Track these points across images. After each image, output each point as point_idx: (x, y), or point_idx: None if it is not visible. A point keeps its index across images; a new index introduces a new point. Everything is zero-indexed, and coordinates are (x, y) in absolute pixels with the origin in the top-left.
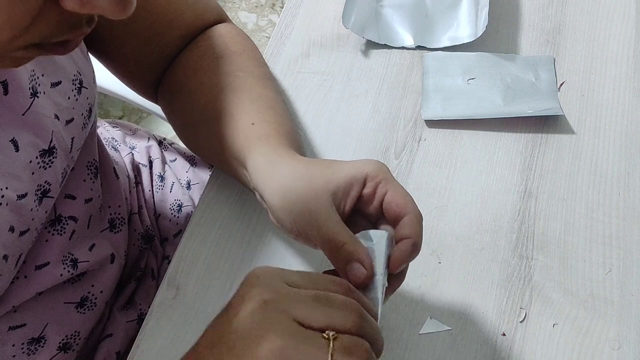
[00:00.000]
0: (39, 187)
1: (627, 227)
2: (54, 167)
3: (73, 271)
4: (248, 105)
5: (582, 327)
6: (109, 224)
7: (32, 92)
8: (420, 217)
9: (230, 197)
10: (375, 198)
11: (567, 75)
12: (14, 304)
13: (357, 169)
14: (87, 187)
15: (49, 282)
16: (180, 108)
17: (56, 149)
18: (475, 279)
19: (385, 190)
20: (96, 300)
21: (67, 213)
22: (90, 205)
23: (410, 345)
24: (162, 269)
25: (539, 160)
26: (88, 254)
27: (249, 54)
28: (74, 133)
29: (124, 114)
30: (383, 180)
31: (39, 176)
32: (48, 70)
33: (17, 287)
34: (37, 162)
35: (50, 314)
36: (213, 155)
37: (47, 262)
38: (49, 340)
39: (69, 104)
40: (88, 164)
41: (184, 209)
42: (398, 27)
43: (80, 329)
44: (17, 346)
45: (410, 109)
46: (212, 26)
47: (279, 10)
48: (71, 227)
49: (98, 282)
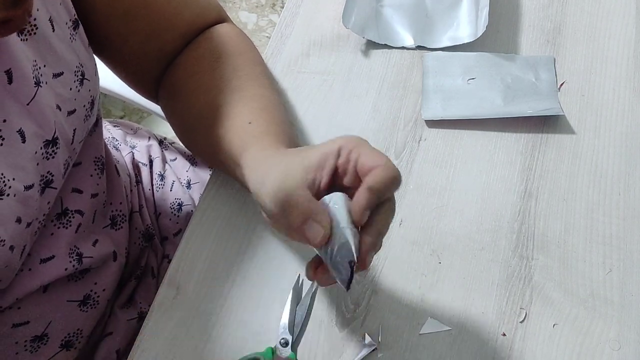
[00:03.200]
0: (42, 178)
1: (627, 227)
2: (57, 158)
3: (78, 266)
4: (243, 105)
5: (582, 328)
6: (110, 220)
7: (35, 82)
8: (390, 167)
9: (231, 197)
10: (349, 166)
11: (568, 75)
12: (18, 296)
13: (329, 144)
14: (94, 182)
15: (53, 275)
16: (179, 110)
17: (59, 140)
18: (475, 279)
19: (357, 154)
20: (98, 298)
21: (74, 207)
22: (96, 200)
23: (411, 346)
24: (162, 268)
25: (539, 160)
26: (92, 249)
27: (247, 55)
28: (75, 124)
29: (124, 113)
30: (355, 147)
31: (43, 167)
32: (49, 60)
33: (21, 280)
34: (42, 153)
35: (54, 312)
36: (211, 157)
37: (52, 255)
38: (52, 337)
39: (71, 95)
40: (95, 159)
41: (184, 208)
42: (398, 27)
43: (83, 327)
44: (20, 343)
45: (410, 109)
46: (213, 25)
47: (279, 10)
48: (77, 220)
49: (101, 279)
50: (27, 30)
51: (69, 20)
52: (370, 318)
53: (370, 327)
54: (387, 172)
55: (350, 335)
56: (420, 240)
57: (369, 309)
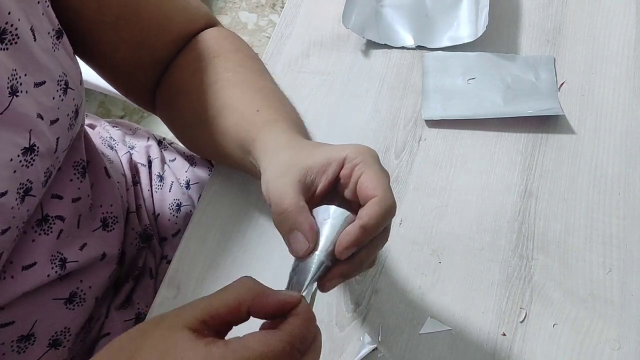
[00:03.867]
0: (22, 186)
1: (627, 227)
2: (35, 165)
3: (61, 272)
4: (251, 96)
5: (582, 327)
6: (101, 222)
7: (10, 91)
8: (387, 202)
9: (230, 197)
10: (351, 181)
11: (568, 75)
12: (1, 303)
13: (339, 148)
14: (75, 187)
15: (36, 281)
16: (181, 109)
17: (37, 147)
18: (475, 279)
19: (360, 172)
20: (85, 295)
21: (54, 213)
22: (78, 204)
23: (411, 346)
24: (160, 269)
25: (539, 160)
26: (78, 253)
27: (244, 52)
28: (59, 133)
29: (125, 113)
30: (362, 162)
31: (22, 174)
32: (30, 69)
33: (3, 287)
34: (20, 161)
35: (39, 311)
36: (217, 151)
37: (34, 262)
38: (39, 337)
39: (54, 104)
40: (75, 163)
41: (182, 209)
42: (398, 27)
43: (70, 324)
44: (7, 344)
45: (410, 109)
46: (203, 30)
47: (280, 10)
48: (58, 226)
49: (86, 277)
50: (7, 40)
51: (51, 29)
52: (370, 318)
53: (370, 327)
54: (382, 207)
55: (350, 335)
56: (420, 240)
57: (369, 308)
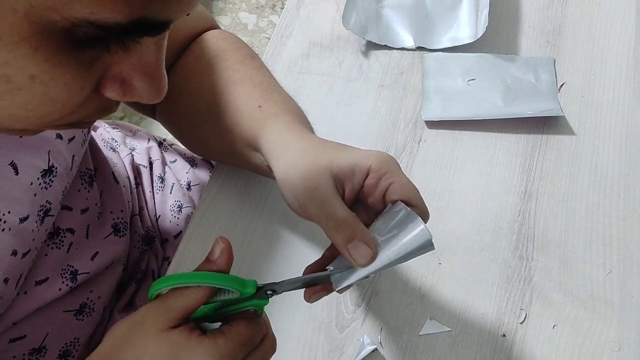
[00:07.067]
0: (41, 208)
1: (627, 228)
2: (54, 186)
3: (72, 284)
4: (251, 91)
5: (582, 329)
6: (112, 228)
7: None
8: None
9: (231, 198)
10: (377, 190)
11: (567, 76)
12: (15, 320)
13: (361, 157)
14: (82, 197)
15: (48, 297)
16: (183, 111)
17: (55, 168)
18: (475, 280)
19: (388, 182)
20: (94, 305)
21: (65, 225)
22: (87, 215)
23: (411, 346)
24: (162, 270)
25: (539, 161)
26: (90, 264)
27: (242, 51)
28: (74, 151)
29: (124, 114)
30: (387, 172)
31: (41, 197)
32: None
33: (17, 304)
34: (39, 184)
35: (50, 324)
36: (222, 150)
37: (46, 277)
38: (50, 349)
39: None
40: (81, 173)
41: (184, 210)
42: (398, 28)
43: (80, 335)
44: (18, 357)
45: (410, 110)
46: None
47: (280, 11)
48: (69, 239)
49: (96, 287)
50: None
51: None
52: (370, 319)
53: (370, 328)
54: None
55: (350, 335)
56: None
57: (369, 309)
